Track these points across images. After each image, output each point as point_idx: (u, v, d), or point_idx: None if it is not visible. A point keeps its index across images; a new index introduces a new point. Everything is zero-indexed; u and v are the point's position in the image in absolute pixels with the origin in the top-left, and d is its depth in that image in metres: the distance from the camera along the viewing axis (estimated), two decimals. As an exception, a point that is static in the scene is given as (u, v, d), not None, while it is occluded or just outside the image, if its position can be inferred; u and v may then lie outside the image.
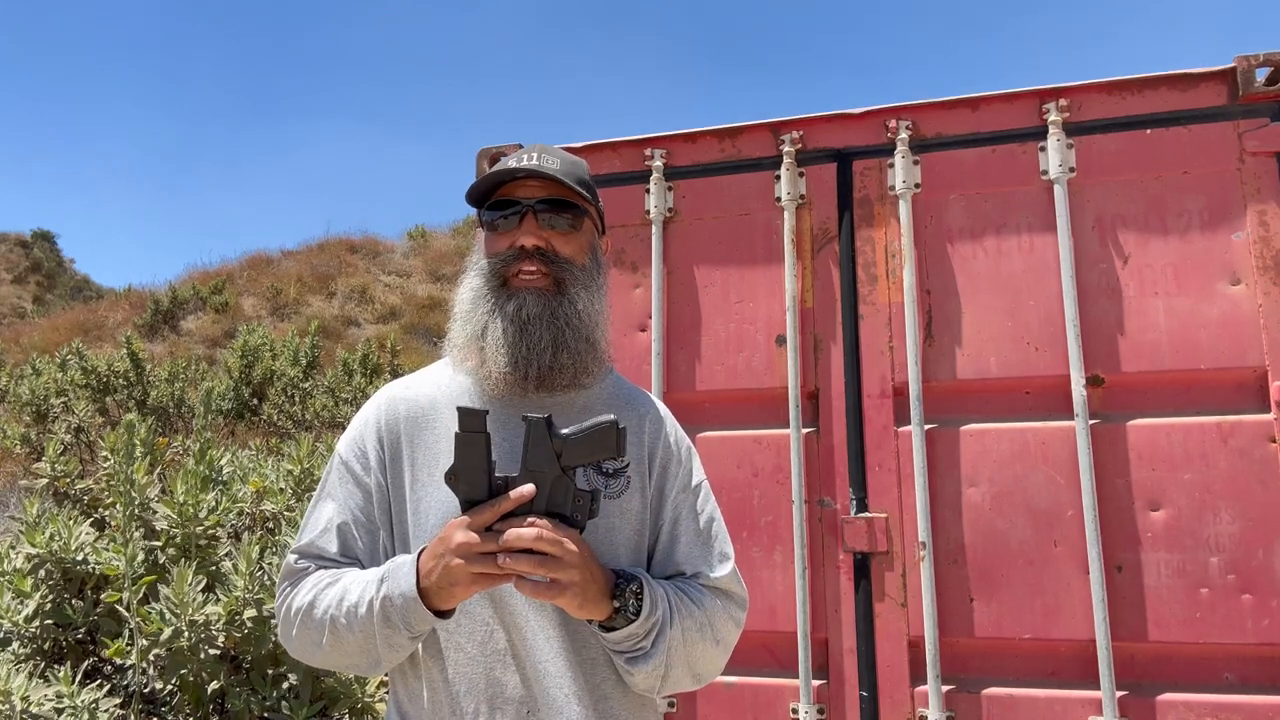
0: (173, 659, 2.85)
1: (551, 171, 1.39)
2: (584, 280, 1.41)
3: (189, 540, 3.13)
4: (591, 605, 1.23)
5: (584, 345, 1.39)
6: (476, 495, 1.23)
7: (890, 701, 2.29)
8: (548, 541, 1.17)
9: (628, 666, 1.30)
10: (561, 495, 1.22)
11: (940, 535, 2.31)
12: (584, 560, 1.20)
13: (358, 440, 1.44)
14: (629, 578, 1.28)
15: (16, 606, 3.00)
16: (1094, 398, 2.26)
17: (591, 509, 1.23)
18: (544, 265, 1.39)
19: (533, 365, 1.35)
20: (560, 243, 1.40)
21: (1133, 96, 2.36)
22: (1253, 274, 2.22)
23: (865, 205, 2.52)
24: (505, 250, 1.40)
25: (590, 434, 1.22)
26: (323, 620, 1.29)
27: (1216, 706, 2.09)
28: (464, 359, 1.42)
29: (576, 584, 1.19)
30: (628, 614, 1.26)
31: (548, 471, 1.22)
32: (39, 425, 7.97)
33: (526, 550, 1.17)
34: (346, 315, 15.18)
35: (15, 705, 2.49)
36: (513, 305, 1.37)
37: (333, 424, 9.02)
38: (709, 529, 1.44)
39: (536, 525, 1.18)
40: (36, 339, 14.12)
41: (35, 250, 28.74)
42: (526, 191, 1.41)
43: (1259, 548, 2.12)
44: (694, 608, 1.34)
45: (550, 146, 1.47)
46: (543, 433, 1.22)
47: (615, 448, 1.21)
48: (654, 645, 1.28)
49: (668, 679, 1.32)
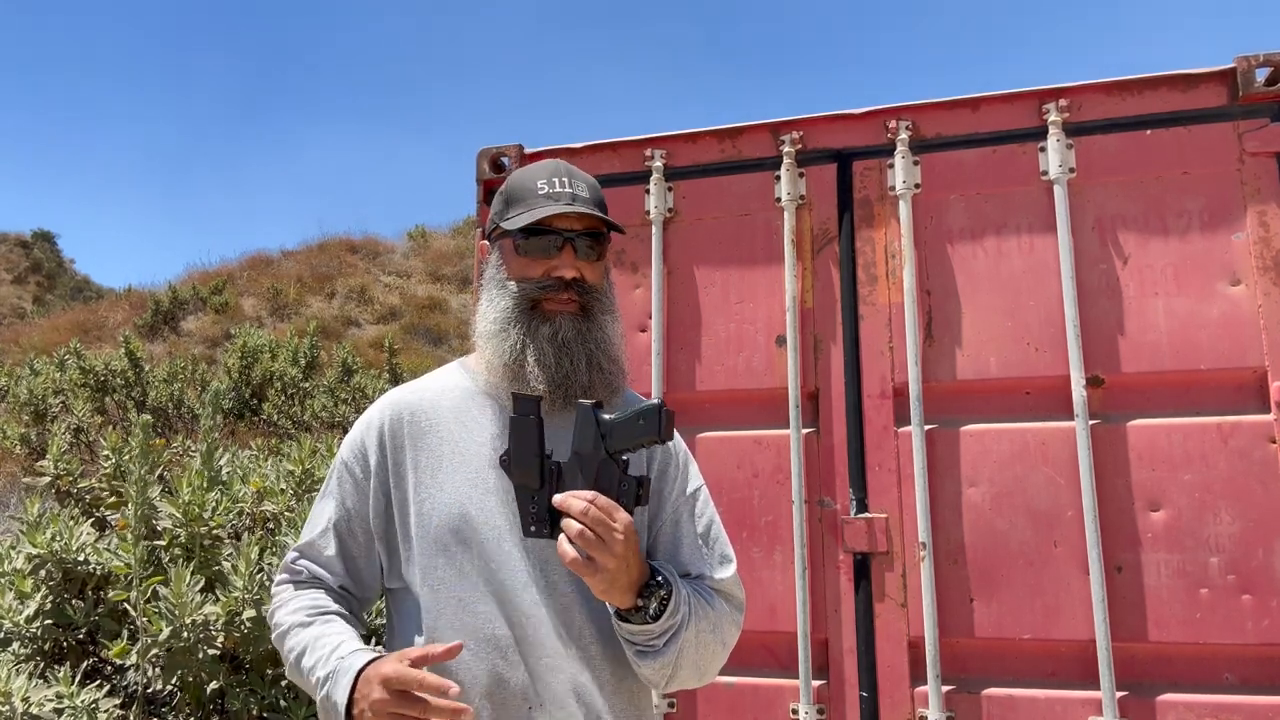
0: (171, 659, 2.85)
1: (585, 207, 1.43)
2: (607, 305, 1.47)
3: (193, 540, 3.13)
4: (616, 594, 1.26)
5: (613, 365, 1.45)
6: (529, 480, 1.26)
7: (890, 702, 2.29)
8: (593, 519, 1.20)
9: (636, 659, 1.33)
10: (607, 480, 1.23)
11: (940, 535, 2.31)
12: (625, 548, 1.22)
13: (359, 443, 1.48)
14: (660, 583, 1.30)
15: (17, 607, 3.00)
16: (1094, 398, 2.26)
17: (639, 495, 1.24)
18: (576, 294, 1.43)
19: (573, 386, 1.39)
20: (589, 271, 1.45)
21: (1133, 97, 2.36)
22: (1253, 274, 2.22)
23: (865, 205, 2.52)
24: (540, 277, 1.43)
25: (634, 417, 1.22)
26: (286, 653, 1.41)
27: (1216, 707, 2.09)
28: (493, 376, 1.45)
29: (610, 570, 1.21)
30: (646, 615, 1.28)
31: (594, 455, 1.23)
32: (38, 425, 7.97)
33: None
34: (346, 315, 15.18)
35: (16, 706, 2.49)
36: (548, 329, 1.41)
37: (332, 424, 9.01)
38: (709, 531, 1.47)
39: (583, 499, 1.21)
40: (36, 339, 14.11)
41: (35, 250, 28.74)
42: (564, 221, 1.43)
43: (1259, 548, 2.12)
44: (708, 609, 1.37)
45: (574, 169, 1.49)
46: (589, 416, 1.24)
47: (659, 431, 1.22)
48: (665, 645, 1.31)
49: (675, 678, 1.36)
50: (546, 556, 1.36)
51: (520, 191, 1.45)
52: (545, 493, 1.26)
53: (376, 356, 11.57)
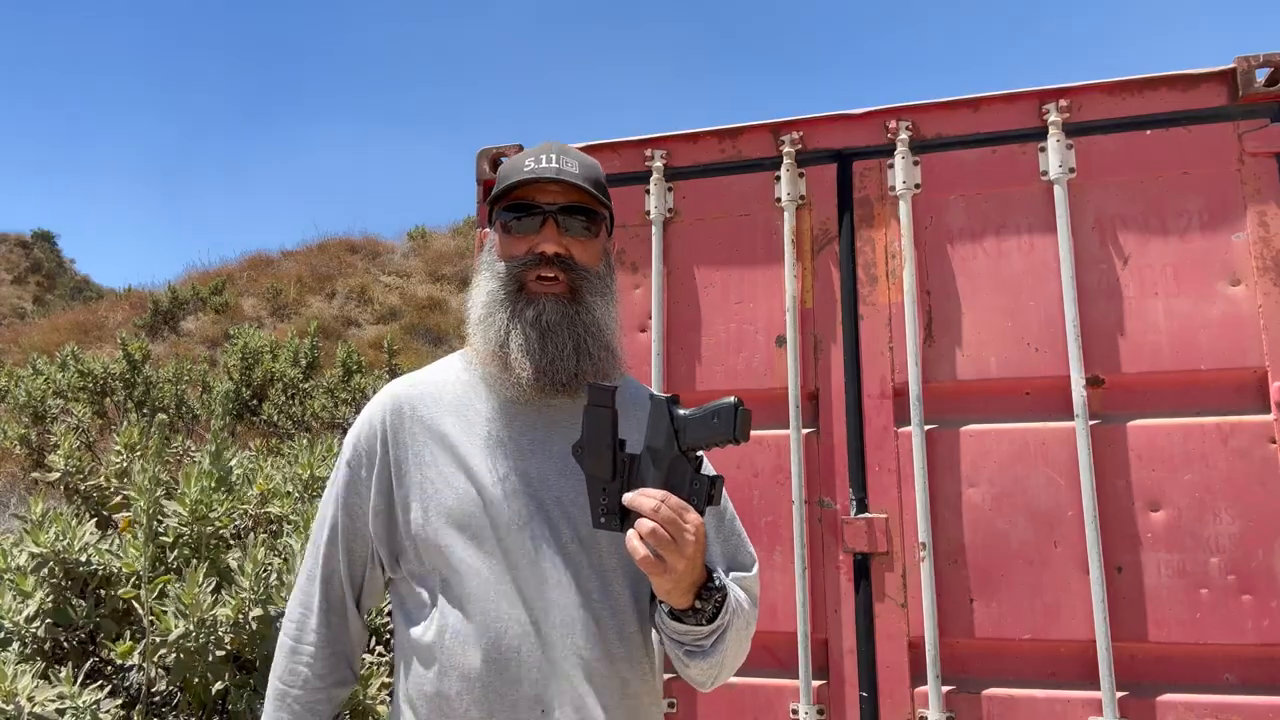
0: (179, 660, 2.85)
1: (573, 178, 1.40)
2: (599, 288, 1.43)
3: (201, 540, 3.13)
4: (678, 594, 1.24)
5: (604, 352, 1.41)
6: (600, 471, 1.24)
7: (890, 702, 2.29)
8: (664, 519, 1.17)
9: (685, 659, 1.33)
10: (679, 478, 1.21)
11: (940, 536, 2.31)
12: (695, 550, 1.19)
13: (359, 438, 1.46)
14: (717, 586, 1.29)
15: (18, 606, 3.00)
16: (1094, 398, 2.26)
17: (710, 495, 1.21)
18: (562, 271, 1.39)
19: (558, 372, 1.37)
20: (578, 249, 1.41)
21: (1133, 97, 2.37)
22: (1253, 275, 2.22)
23: (865, 205, 2.52)
24: (524, 254, 1.40)
25: (709, 415, 1.20)
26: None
27: (1216, 707, 2.10)
28: (484, 364, 1.43)
29: (678, 571, 1.19)
30: (702, 618, 1.27)
31: (666, 451, 1.21)
32: (37, 426, 7.97)
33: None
34: (346, 316, 15.18)
35: (23, 706, 2.49)
36: (532, 312, 1.37)
37: (332, 424, 9.02)
38: (731, 525, 1.47)
39: (655, 498, 1.18)
40: (36, 339, 14.11)
41: (35, 251, 28.74)
42: (548, 196, 1.41)
43: (1259, 548, 2.12)
44: (741, 607, 1.36)
45: (567, 147, 1.47)
46: (663, 412, 1.22)
47: (734, 430, 1.18)
48: (713, 646, 1.30)
49: (719, 677, 1.36)
50: (555, 548, 1.35)
51: (509, 172, 1.44)
52: (616, 485, 1.23)
53: (376, 356, 11.57)
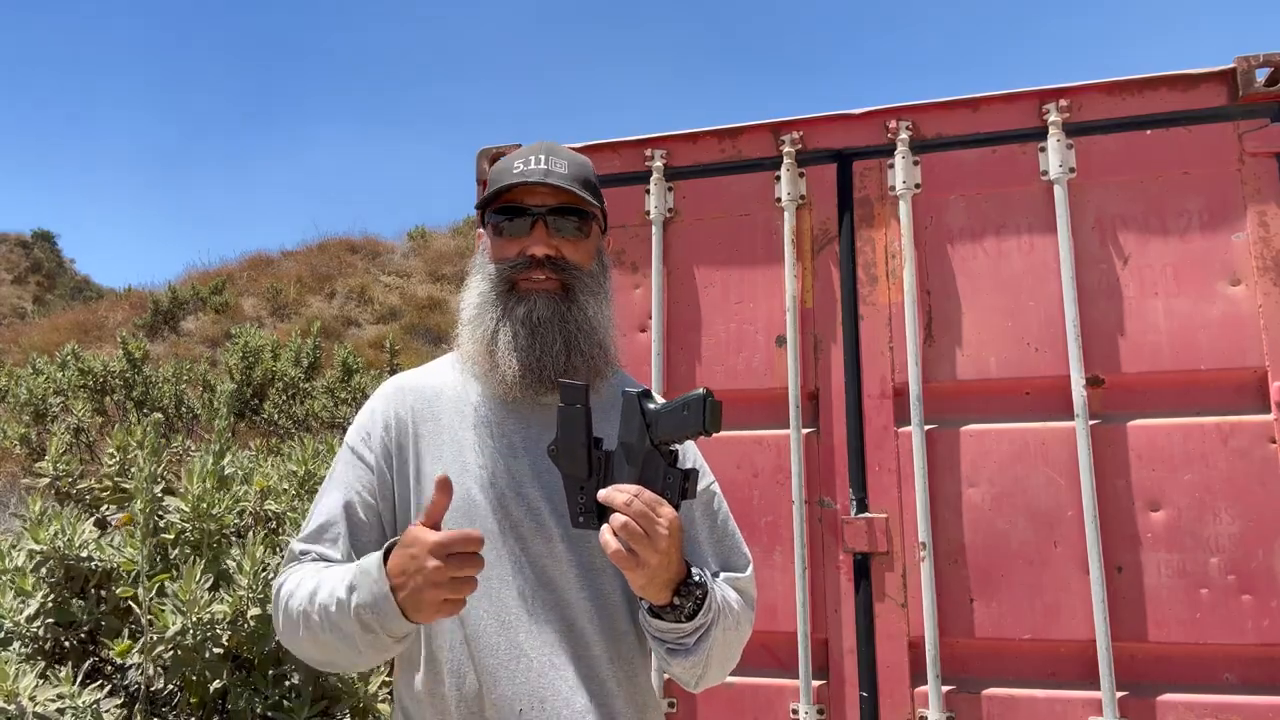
0: (177, 658, 2.85)
1: (560, 179, 1.40)
2: (592, 286, 1.43)
3: (202, 538, 3.13)
4: (654, 590, 1.22)
5: (596, 350, 1.41)
6: (576, 470, 1.23)
7: (890, 702, 2.29)
8: (636, 513, 1.16)
9: (668, 657, 1.31)
10: (652, 472, 1.20)
11: (940, 536, 2.31)
12: (669, 544, 1.18)
13: (364, 427, 1.46)
14: (697, 583, 1.27)
15: (18, 606, 2.99)
16: (1094, 398, 2.26)
17: (684, 489, 1.20)
18: (553, 271, 1.40)
19: (546, 369, 1.36)
20: (570, 250, 1.42)
21: (1133, 97, 2.37)
22: (1253, 274, 2.22)
23: (865, 205, 2.52)
24: (514, 257, 1.41)
25: (679, 407, 1.19)
26: (297, 615, 1.28)
27: (1216, 707, 2.10)
28: (473, 363, 1.43)
29: (652, 566, 1.18)
30: (681, 615, 1.26)
31: (639, 446, 1.20)
32: (38, 425, 7.97)
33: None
34: (346, 315, 15.18)
35: (25, 706, 2.49)
36: (522, 309, 1.38)
37: (332, 424, 9.02)
38: (725, 527, 1.47)
39: (627, 493, 1.17)
40: (36, 339, 14.11)
41: (35, 250, 28.74)
42: (537, 198, 1.41)
43: (1259, 548, 2.12)
44: (730, 606, 1.35)
45: (557, 146, 1.47)
46: (635, 407, 1.21)
47: (704, 422, 1.17)
48: (696, 644, 1.29)
49: (705, 677, 1.34)
50: (545, 547, 1.35)
51: (498, 174, 1.44)
52: (593, 483, 1.22)
53: (377, 356, 11.57)
